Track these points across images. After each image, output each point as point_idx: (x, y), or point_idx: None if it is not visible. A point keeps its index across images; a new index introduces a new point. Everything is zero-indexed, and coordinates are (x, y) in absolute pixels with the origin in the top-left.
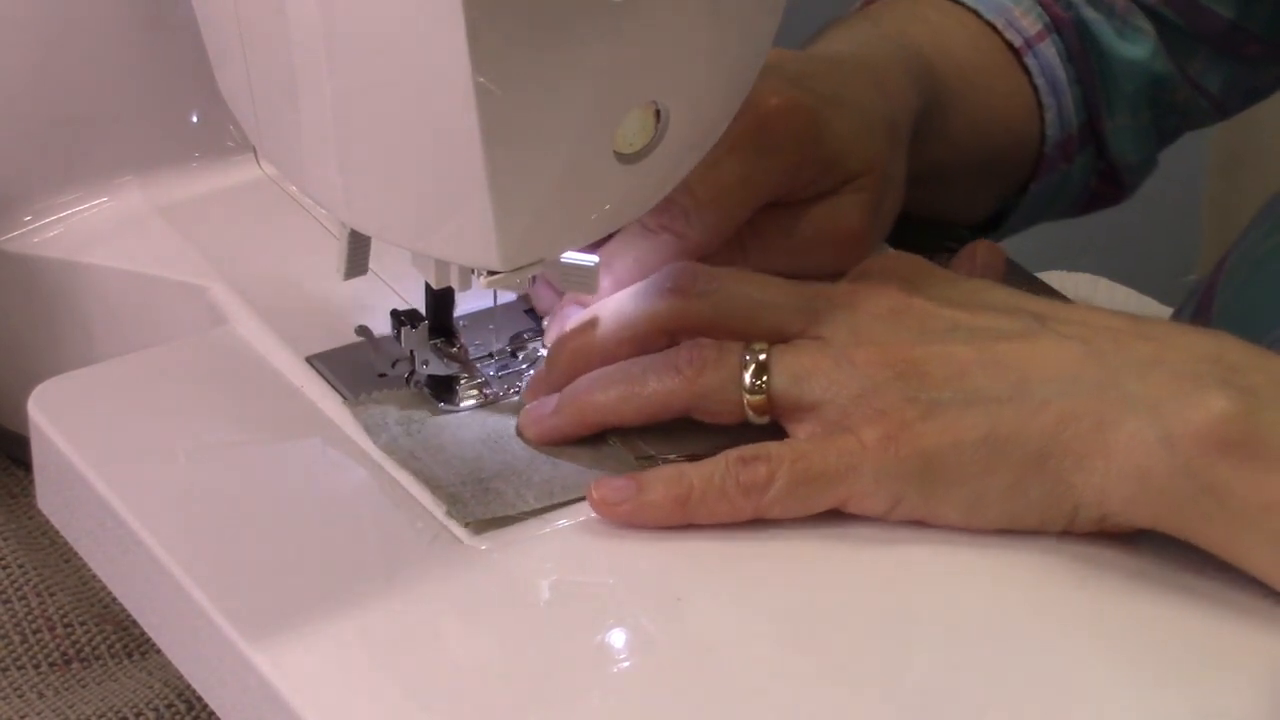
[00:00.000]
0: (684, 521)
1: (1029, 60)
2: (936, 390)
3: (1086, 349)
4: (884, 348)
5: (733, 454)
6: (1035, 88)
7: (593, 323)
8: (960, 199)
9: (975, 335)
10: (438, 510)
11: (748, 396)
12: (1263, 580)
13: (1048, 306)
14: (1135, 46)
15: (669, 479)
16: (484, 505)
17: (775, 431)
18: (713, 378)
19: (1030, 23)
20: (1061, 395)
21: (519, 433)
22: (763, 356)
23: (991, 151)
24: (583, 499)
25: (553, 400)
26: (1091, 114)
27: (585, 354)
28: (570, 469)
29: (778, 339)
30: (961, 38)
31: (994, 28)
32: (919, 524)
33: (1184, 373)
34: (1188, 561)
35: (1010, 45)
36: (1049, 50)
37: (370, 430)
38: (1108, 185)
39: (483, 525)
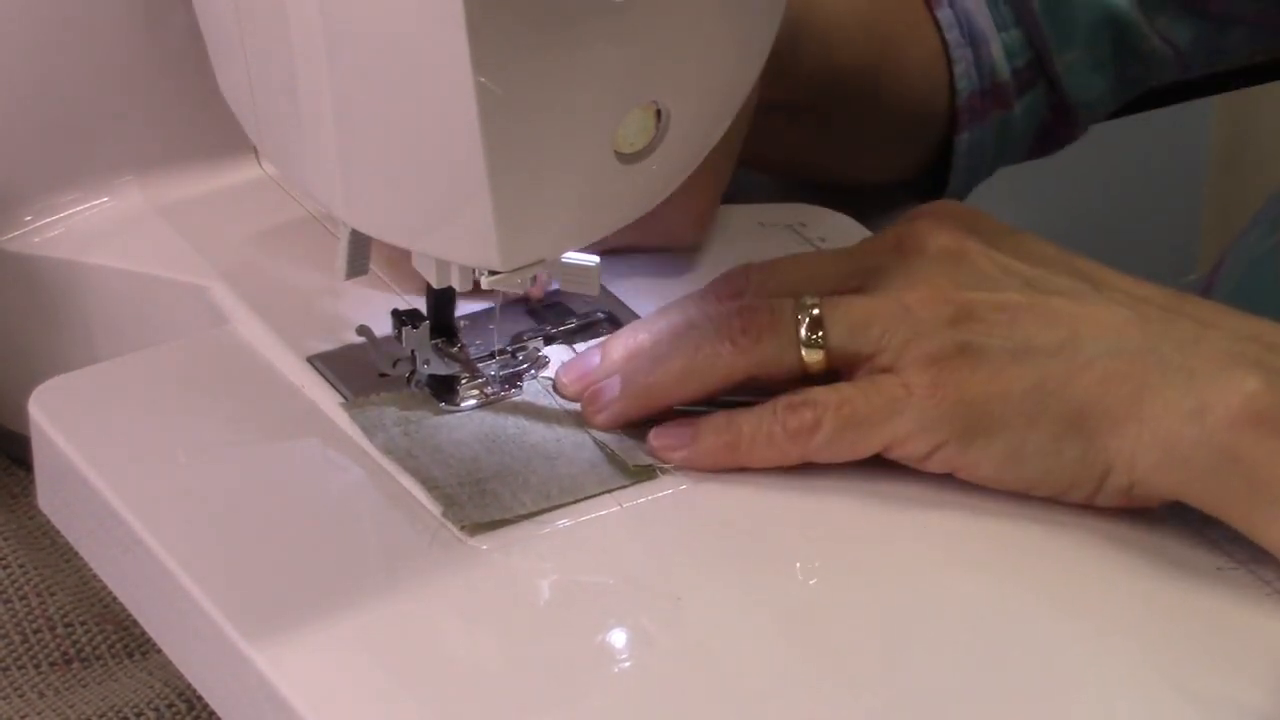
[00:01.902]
0: (735, 465)
1: (940, 13)
2: (987, 335)
3: (1134, 316)
4: (937, 289)
5: (781, 401)
6: (945, 41)
7: (648, 327)
8: (863, 153)
9: (1028, 285)
10: (438, 510)
11: (806, 353)
12: (1276, 554)
13: (1097, 270)
14: None
15: (719, 427)
16: (480, 508)
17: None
18: (770, 344)
19: None
20: (1107, 356)
21: (587, 420)
22: (816, 311)
23: (882, 100)
24: (580, 500)
25: (612, 386)
26: (1039, 53)
27: (640, 354)
28: (567, 471)
29: None
30: None
31: None
32: (919, 519)
33: (1222, 349)
34: (1194, 545)
35: None
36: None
37: (367, 431)
38: (1061, 124)
39: (478, 528)
